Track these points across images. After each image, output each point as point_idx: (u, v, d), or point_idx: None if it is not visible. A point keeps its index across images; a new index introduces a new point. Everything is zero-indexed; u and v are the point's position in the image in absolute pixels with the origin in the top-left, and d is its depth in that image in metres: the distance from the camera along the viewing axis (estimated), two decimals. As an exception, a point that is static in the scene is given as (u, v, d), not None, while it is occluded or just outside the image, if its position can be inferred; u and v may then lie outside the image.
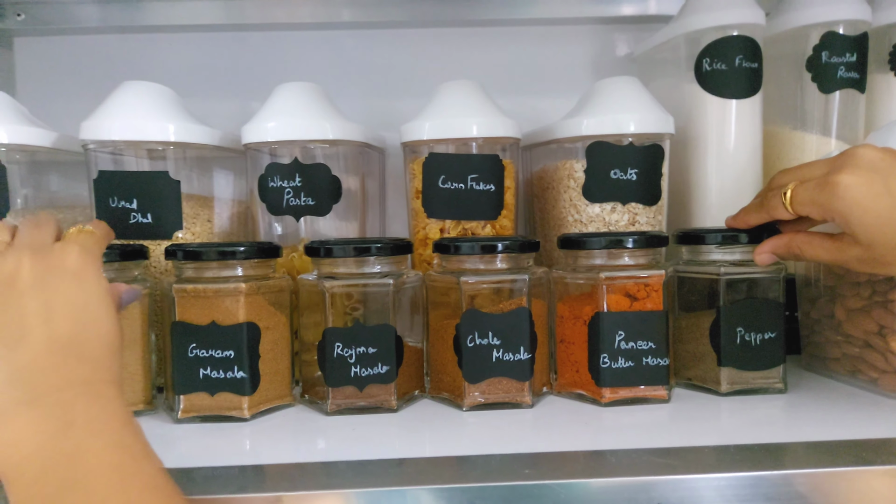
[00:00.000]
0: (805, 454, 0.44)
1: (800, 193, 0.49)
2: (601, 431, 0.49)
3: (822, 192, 0.47)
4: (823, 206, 0.47)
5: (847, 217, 0.46)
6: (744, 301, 0.56)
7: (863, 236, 0.46)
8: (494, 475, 0.40)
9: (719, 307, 0.55)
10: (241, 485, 0.41)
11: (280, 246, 0.56)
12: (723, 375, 0.56)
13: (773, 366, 0.56)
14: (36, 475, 0.32)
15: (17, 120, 0.63)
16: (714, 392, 0.56)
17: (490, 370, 0.53)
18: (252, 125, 0.63)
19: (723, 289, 0.55)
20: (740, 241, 0.56)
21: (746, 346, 0.55)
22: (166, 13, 0.83)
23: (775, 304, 0.56)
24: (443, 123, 0.62)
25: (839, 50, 0.67)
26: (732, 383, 0.56)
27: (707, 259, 0.58)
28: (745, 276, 0.56)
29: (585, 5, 0.85)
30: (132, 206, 0.60)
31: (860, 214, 0.45)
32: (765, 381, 0.56)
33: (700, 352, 0.57)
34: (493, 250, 0.54)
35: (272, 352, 0.54)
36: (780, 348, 0.56)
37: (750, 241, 0.56)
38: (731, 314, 0.55)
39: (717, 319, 0.56)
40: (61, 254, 0.39)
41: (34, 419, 0.33)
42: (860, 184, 0.45)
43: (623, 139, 0.63)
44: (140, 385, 0.55)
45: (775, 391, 0.56)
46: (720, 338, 0.55)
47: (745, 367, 0.56)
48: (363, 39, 0.87)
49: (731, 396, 0.56)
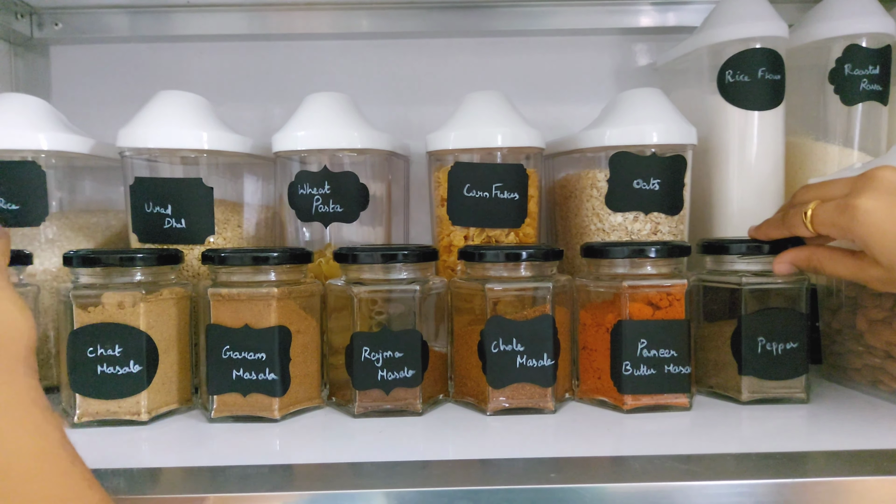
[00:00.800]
0: (826, 463, 0.44)
1: (820, 214, 0.50)
2: (623, 437, 0.50)
3: (843, 216, 0.47)
4: (843, 228, 0.48)
5: (867, 241, 0.46)
6: (765, 311, 0.56)
7: (883, 259, 0.46)
8: (520, 478, 0.41)
9: (740, 316, 0.56)
10: (272, 484, 0.42)
11: (311, 252, 0.58)
12: (744, 384, 0.56)
13: (794, 376, 0.56)
14: None
15: (57, 127, 0.65)
16: (735, 401, 0.57)
17: (514, 376, 0.54)
18: (282, 134, 0.64)
19: (744, 298, 0.56)
20: (763, 251, 0.57)
21: (768, 356, 0.56)
22: (193, 23, 0.85)
23: (798, 315, 0.56)
24: (468, 133, 0.64)
25: (862, 63, 0.68)
26: (753, 392, 0.56)
27: (730, 269, 0.59)
28: (767, 287, 0.56)
29: (605, 16, 0.86)
30: (167, 211, 0.62)
31: (880, 238, 0.46)
32: (786, 391, 0.57)
33: (722, 360, 0.58)
34: (517, 258, 0.55)
35: (302, 355, 0.55)
36: (802, 358, 0.56)
37: (772, 252, 0.56)
38: (753, 324, 0.56)
39: (739, 329, 0.56)
40: None
41: None
42: (880, 208, 0.46)
43: (646, 150, 0.64)
44: (177, 385, 0.56)
45: (797, 401, 0.56)
46: (741, 347, 0.56)
47: (767, 376, 0.56)
48: (383, 49, 0.89)
49: (752, 405, 0.56)
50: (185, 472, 0.45)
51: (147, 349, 0.53)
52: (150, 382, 0.54)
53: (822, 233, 0.50)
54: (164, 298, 0.55)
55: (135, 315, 0.53)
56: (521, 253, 0.55)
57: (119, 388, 0.53)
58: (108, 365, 0.53)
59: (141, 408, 0.53)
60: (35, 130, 0.63)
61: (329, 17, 0.86)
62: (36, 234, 0.64)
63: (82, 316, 0.53)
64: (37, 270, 0.63)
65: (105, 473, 0.43)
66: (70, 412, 0.53)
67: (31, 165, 0.63)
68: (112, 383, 0.53)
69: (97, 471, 0.43)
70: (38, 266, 0.63)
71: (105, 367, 0.53)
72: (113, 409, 0.53)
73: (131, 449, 0.49)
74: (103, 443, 0.50)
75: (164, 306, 0.55)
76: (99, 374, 0.53)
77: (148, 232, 0.62)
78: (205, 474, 0.44)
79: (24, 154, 0.63)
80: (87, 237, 0.68)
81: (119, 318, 0.53)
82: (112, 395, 0.53)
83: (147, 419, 0.54)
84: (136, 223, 0.63)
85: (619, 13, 0.86)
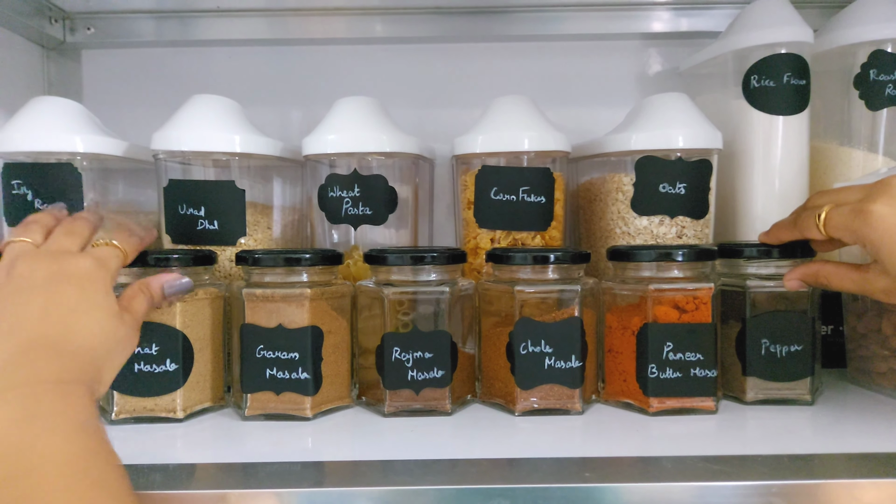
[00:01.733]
0: (846, 465, 0.45)
1: (834, 217, 0.50)
2: (650, 439, 0.50)
3: (856, 219, 0.48)
4: (856, 232, 0.48)
5: (878, 246, 0.47)
6: (770, 313, 0.57)
7: (892, 267, 0.47)
8: (554, 477, 0.42)
9: (745, 318, 0.57)
10: (303, 480, 0.43)
11: (342, 253, 0.59)
12: (748, 385, 0.57)
13: (799, 378, 0.57)
14: None
15: (91, 130, 0.66)
16: (739, 401, 0.58)
17: (542, 377, 0.55)
18: (312, 137, 0.66)
19: (749, 301, 0.57)
20: (772, 255, 0.57)
21: (772, 358, 0.57)
22: (217, 28, 0.87)
23: (803, 318, 0.57)
24: (496, 137, 0.64)
25: (887, 68, 0.68)
26: (757, 393, 0.57)
27: (738, 272, 0.59)
28: (772, 290, 0.57)
29: (624, 21, 0.87)
30: (200, 213, 0.63)
31: (890, 244, 0.46)
32: (791, 393, 0.57)
33: (727, 361, 0.59)
34: (545, 261, 0.56)
35: (334, 355, 0.56)
36: (807, 361, 0.57)
37: (782, 256, 0.57)
38: (757, 326, 0.57)
39: (743, 330, 0.57)
40: (75, 262, 0.43)
41: (1, 407, 0.35)
42: (894, 214, 0.46)
43: (672, 154, 0.64)
44: (210, 383, 0.57)
45: (802, 403, 0.57)
46: (745, 348, 0.57)
47: (771, 377, 0.57)
48: (402, 54, 0.89)
49: (757, 406, 0.57)
50: (219, 468, 0.46)
51: (183, 348, 0.55)
52: (185, 380, 0.55)
53: (834, 236, 0.51)
54: (199, 299, 0.56)
55: (171, 315, 0.54)
56: (549, 255, 0.56)
57: (155, 386, 0.54)
58: (146, 363, 0.54)
59: (177, 405, 0.55)
60: (71, 133, 0.64)
61: (346, 21, 0.87)
62: (72, 235, 0.66)
63: None
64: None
65: (143, 469, 0.45)
66: (108, 409, 0.55)
67: (67, 167, 0.64)
68: (149, 381, 0.54)
69: (135, 466, 0.45)
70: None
71: (142, 365, 0.54)
72: (150, 406, 0.55)
73: (167, 446, 0.51)
74: (141, 439, 0.52)
75: (199, 306, 0.56)
76: (136, 371, 0.54)
77: (181, 233, 0.64)
78: (237, 470, 0.45)
79: (59, 156, 0.65)
80: (120, 238, 0.70)
81: (156, 317, 0.54)
82: (149, 393, 0.54)
83: (182, 416, 0.55)
84: (170, 224, 0.64)
85: (639, 18, 0.87)
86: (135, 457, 0.46)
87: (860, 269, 0.51)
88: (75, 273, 0.43)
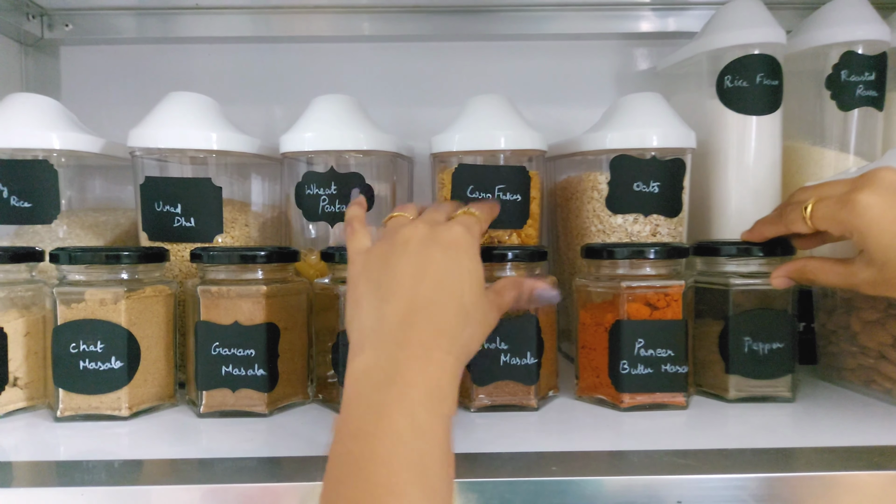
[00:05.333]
0: (817, 459, 0.46)
1: (820, 209, 0.51)
2: (622, 435, 0.51)
3: (843, 209, 0.49)
4: (842, 222, 0.49)
5: (865, 234, 0.48)
6: (752, 311, 0.58)
7: (878, 255, 0.48)
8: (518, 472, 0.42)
9: (727, 317, 0.58)
10: (260, 474, 0.43)
11: (298, 251, 0.59)
12: (730, 383, 0.58)
13: (780, 375, 0.58)
14: (350, 411, 0.37)
15: (68, 127, 0.66)
16: (722, 399, 0.58)
17: (497, 374, 0.55)
18: (290, 135, 0.66)
19: (731, 299, 0.58)
20: (753, 253, 0.58)
21: (754, 355, 0.57)
22: (199, 25, 0.87)
23: (784, 315, 0.58)
24: (472, 135, 0.65)
25: (858, 69, 0.69)
26: (739, 390, 0.58)
27: (719, 270, 0.60)
28: (754, 288, 0.58)
29: (606, 21, 0.88)
30: (176, 210, 0.63)
31: (877, 233, 0.47)
32: (772, 390, 0.58)
33: (710, 359, 0.60)
34: (503, 259, 0.56)
35: (290, 351, 0.57)
36: (788, 358, 0.58)
37: (764, 254, 0.58)
38: (739, 324, 0.57)
39: (726, 329, 0.58)
40: (446, 229, 0.45)
41: (368, 366, 0.39)
42: (880, 204, 0.47)
43: (646, 153, 0.65)
44: (159, 381, 0.57)
45: (782, 400, 0.58)
46: (728, 346, 0.57)
47: (753, 375, 0.58)
48: (386, 51, 0.90)
49: (738, 403, 0.58)
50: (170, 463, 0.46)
51: (128, 346, 0.54)
52: (131, 378, 0.54)
53: (820, 227, 0.52)
54: (148, 296, 0.56)
55: (116, 312, 0.54)
56: (506, 254, 0.56)
57: (100, 384, 0.54)
58: (90, 361, 0.54)
59: (121, 403, 0.54)
60: (47, 130, 0.64)
61: (330, 19, 0.87)
62: (47, 232, 0.66)
63: (66, 312, 0.54)
64: (48, 267, 0.64)
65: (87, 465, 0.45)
66: (54, 407, 0.54)
67: (43, 164, 0.64)
68: (93, 379, 0.54)
69: (78, 463, 0.45)
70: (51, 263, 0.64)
71: (87, 362, 0.53)
72: (95, 404, 0.54)
73: (112, 443, 0.50)
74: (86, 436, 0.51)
75: (148, 304, 0.56)
76: (81, 369, 0.53)
77: (158, 230, 0.64)
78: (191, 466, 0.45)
79: (36, 153, 0.64)
80: (97, 235, 0.70)
81: (101, 314, 0.54)
82: (93, 391, 0.54)
83: (127, 415, 0.54)
84: (146, 222, 0.64)
85: (619, 18, 0.88)
86: (81, 454, 0.47)
87: (845, 262, 0.52)
88: (444, 238, 0.44)
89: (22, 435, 0.52)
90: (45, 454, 0.48)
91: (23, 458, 0.47)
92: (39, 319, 0.57)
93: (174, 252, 0.64)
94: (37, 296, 0.59)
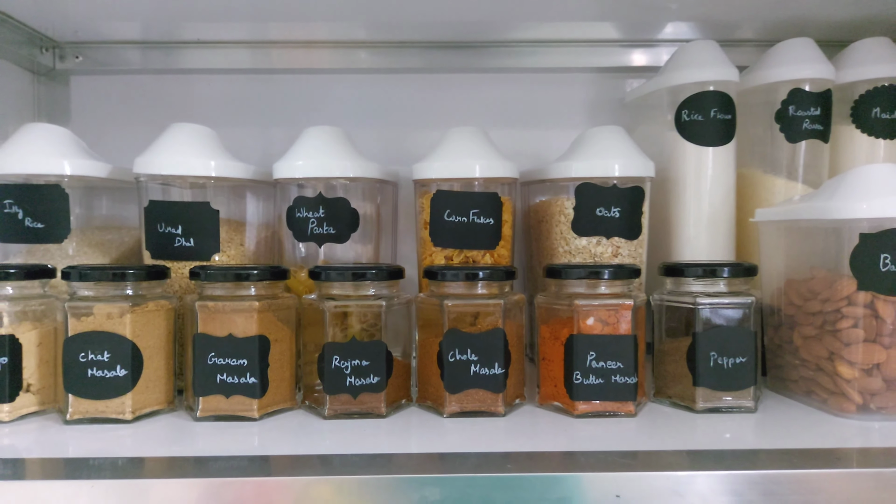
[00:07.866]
0: (768, 459, 0.51)
1: None
2: (575, 439, 0.56)
3: None
4: None
5: None
6: (717, 328, 0.63)
7: None
8: (479, 468, 0.48)
9: (695, 333, 0.63)
10: (250, 470, 0.48)
11: (288, 269, 0.65)
12: (698, 394, 0.63)
13: (743, 387, 0.62)
14: None
15: (78, 154, 0.72)
16: (690, 409, 0.63)
17: (468, 382, 0.60)
18: (282, 163, 0.72)
19: (698, 317, 0.63)
20: (718, 274, 0.63)
21: (719, 369, 0.62)
22: (201, 58, 0.94)
23: (747, 332, 0.63)
24: (449, 164, 0.71)
25: (805, 105, 0.75)
26: (706, 402, 0.63)
27: (687, 290, 0.65)
28: (720, 306, 0.63)
29: (581, 56, 0.94)
30: (177, 231, 0.69)
31: None
32: (736, 402, 0.63)
33: (679, 373, 0.64)
34: (474, 278, 0.62)
35: (279, 361, 0.62)
36: (751, 372, 0.62)
37: (727, 275, 0.63)
38: (706, 340, 0.62)
39: (693, 344, 0.63)
40: None
41: None
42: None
43: (608, 181, 0.71)
44: (160, 388, 0.62)
45: (745, 410, 0.62)
46: (695, 361, 0.63)
47: (718, 387, 0.63)
48: (379, 83, 0.97)
49: (705, 414, 0.62)
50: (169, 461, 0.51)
51: (132, 355, 0.59)
52: (134, 385, 0.60)
53: None
54: (150, 310, 0.61)
55: (122, 325, 0.59)
56: (477, 273, 0.62)
57: (106, 390, 0.59)
58: (98, 369, 0.59)
59: (125, 408, 0.59)
60: (59, 157, 0.70)
61: (328, 53, 0.94)
62: (58, 250, 0.72)
63: (76, 325, 0.59)
64: (59, 283, 0.70)
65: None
66: (64, 410, 0.60)
67: (55, 188, 0.70)
68: (100, 385, 0.59)
69: (86, 460, 0.50)
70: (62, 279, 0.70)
71: (95, 370, 0.59)
72: (101, 408, 0.59)
73: (116, 443, 0.55)
74: (93, 437, 0.57)
75: (150, 317, 0.61)
76: (89, 376, 0.59)
77: (160, 250, 0.69)
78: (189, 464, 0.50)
79: (48, 178, 0.70)
80: (103, 253, 0.75)
81: (108, 327, 0.59)
82: (100, 396, 0.59)
83: (131, 418, 0.59)
84: (150, 242, 0.70)
85: (594, 54, 0.94)
86: (88, 452, 0.52)
87: None
88: None
89: (35, 436, 0.57)
90: (56, 452, 0.53)
91: (36, 456, 0.52)
92: (51, 331, 0.63)
93: (175, 270, 0.70)
94: (49, 309, 0.64)
